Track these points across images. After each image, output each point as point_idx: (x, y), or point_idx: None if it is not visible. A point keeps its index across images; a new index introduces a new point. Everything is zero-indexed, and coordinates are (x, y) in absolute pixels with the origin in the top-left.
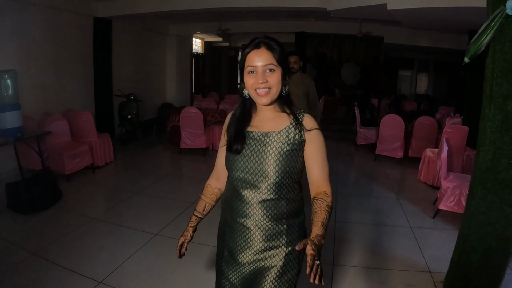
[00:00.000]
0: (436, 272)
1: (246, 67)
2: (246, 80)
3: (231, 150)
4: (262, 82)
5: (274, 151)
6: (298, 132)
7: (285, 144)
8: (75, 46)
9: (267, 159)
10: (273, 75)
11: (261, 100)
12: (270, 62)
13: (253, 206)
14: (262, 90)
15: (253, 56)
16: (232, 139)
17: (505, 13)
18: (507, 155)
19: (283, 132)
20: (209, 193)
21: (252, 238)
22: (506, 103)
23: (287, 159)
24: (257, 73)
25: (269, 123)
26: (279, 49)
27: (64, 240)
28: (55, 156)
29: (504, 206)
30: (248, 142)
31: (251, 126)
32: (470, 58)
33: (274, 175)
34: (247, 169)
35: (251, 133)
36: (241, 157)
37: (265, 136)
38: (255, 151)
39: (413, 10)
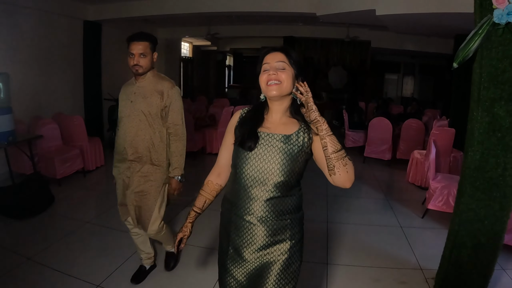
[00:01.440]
0: (427, 269)
1: (262, 65)
2: (261, 77)
3: (243, 147)
4: (273, 73)
5: (285, 152)
6: (307, 135)
7: (295, 146)
8: (65, 49)
9: (277, 159)
10: (284, 72)
11: (271, 91)
12: (283, 60)
13: (261, 204)
14: (272, 82)
15: (269, 56)
16: (246, 137)
17: (492, 21)
18: (494, 155)
19: (293, 135)
20: (210, 189)
21: (258, 234)
22: (493, 106)
23: (295, 160)
24: (270, 68)
25: (281, 127)
26: (293, 53)
27: (59, 244)
28: (46, 160)
29: (492, 203)
30: (260, 141)
31: (263, 127)
32: (458, 63)
33: (282, 174)
34: (258, 167)
35: (263, 133)
36: (252, 155)
37: (276, 138)
38: (266, 151)
39: (401, 15)
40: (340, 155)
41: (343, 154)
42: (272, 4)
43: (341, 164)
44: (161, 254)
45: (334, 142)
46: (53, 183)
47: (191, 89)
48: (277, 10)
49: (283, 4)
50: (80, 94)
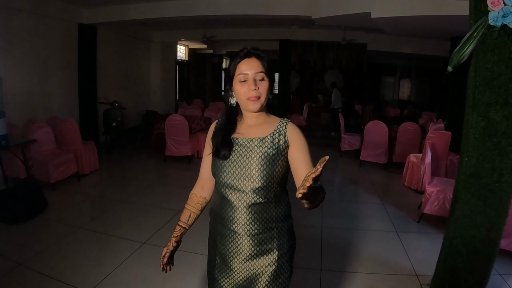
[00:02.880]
0: (422, 275)
1: (237, 75)
2: (237, 88)
3: (218, 156)
4: (254, 89)
5: (261, 156)
6: (283, 138)
7: (270, 149)
8: (60, 53)
9: (253, 164)
10: (263, 83)
11: (252, 107)
12: (261, 70)
13: (243, 211)
14: (253, 97)
15: (244, 64)
16: (219, 145)
17: (487, 24)
18: (490, 160)
19: (268, 137)
20: (194, 202)
21: (243, 244)
22: (489, 110)
23: (273, 163)
24: (249, 80)
25: (255, 130)
26: (267, 59)
27: (51, 250)
28: (40, 164)
29: (487, 209)
30: (234, 148)
31: (236, 133)
32: (453, 67)
33: (260, 179)
34: (234, 175)
35: (237, 139)
36: (228, 163)
37: (250, 142)
38: (241, 157)
39: (396, 18)
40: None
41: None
42: (268, 8)
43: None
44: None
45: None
46: (47, 188)
47: (187, 92)
48: (272, 13)
49: (278, 7)
50: (75, 98)
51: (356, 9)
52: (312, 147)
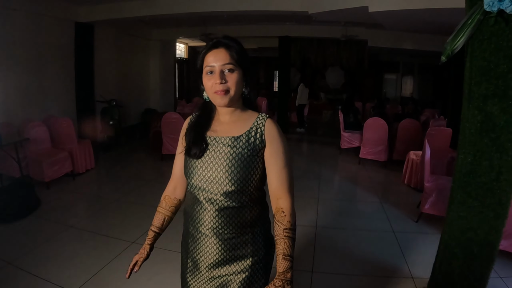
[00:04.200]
0: (419, 278)
1: (204, 68)
2: (205, 81)
3: (189, 155)
4: (220, 82)
5: (234, 157)
6: (259, 137)
7: (245, 149)
8: (56, 51)
9: (226, 166)
10: (232, 75)
11: (220, 102)
12: (229, 61)
13: (215, 215)
14: (220, 91)
15: (211, 56)
16: (191, 143)
17: (483, 10)
18: (487, 157)
19: (243, 136)
20: (168, 205)
21: (215, 248)
22: (486, 103)
23: (248, 165)
24: (215, 73)
25: (229, 127)
26: (238, 48)
27: (41, 249)
28: (34, 163)
29: (485, 210)
30: (207, 147)
31: (210, 130)
32: (447, 57)
33: (234, 182)
34: (207, 176)
35: (210, 138)
36: (199, 163)
37: (223, 141)
38: (214, 157)
39: (394, 12)
40: None
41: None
42: (264, 3)
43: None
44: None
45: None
46: (41, 186)
47: (187, 90)
48: (269, 9)
49: (274, 3)
50: (72, 96)
51: (353, 3)
52: (312, 145)
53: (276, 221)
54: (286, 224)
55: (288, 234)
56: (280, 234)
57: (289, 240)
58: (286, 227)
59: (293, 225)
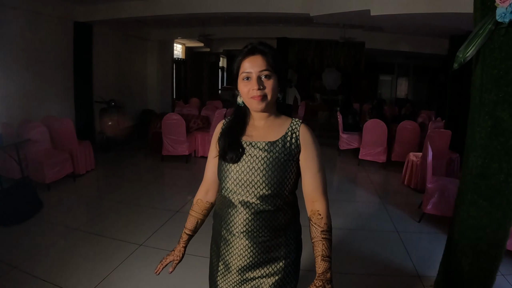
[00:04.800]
0: (425, 276)
1: (240, 74)
2: (241, 87)
3: (225, 159)
4: (258, 88)
5: (271, 162)
6: (295, 142)
7: (282, 154)
8: (55, 51)
9: (264, 170)
10: (269, 81)
11: (256, 107)
12: (266, 68)
13: (250, 218)
14: (257, 96)
15: (248, 62)
16: (227, 148)
17: (495, 20)
18: (497, 160)
19: (280, 141)
20: (200, 208)
21: (249, 251)
22: (496, 109)
23: (284, 169)
24: (252, 79)
25: (265, 132)
26: (273, 55)
27: (46, 252)
28: (35, 164)
29: (494, 210)
30: (243, 152)
31: (246, 135)
32: (459, 65)
33: (270, 186)
34: (242, 181)
35: (246, 142)
36: (235, 167)
37: (259, 146)
38: (250, 162)
39: (396, 16)
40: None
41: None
42: (265, 5)
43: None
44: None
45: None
46: (42, 188)
47: (184, 91)
48: (270, 11)
49: (276, 5)
50: (70, 97)
51: (355, 6)
52: None
53: (313, 224)
54: (323, 226)
55: (325, 236)
56: (317, 236)
57: (326, 241)
58: (323, 229)
59: (329, 227)
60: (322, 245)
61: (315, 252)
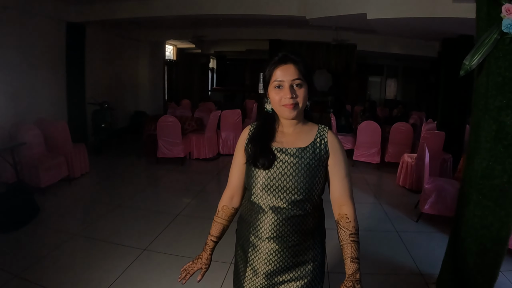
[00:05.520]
0: (427, 274)
1: (272, 82)
2: (272, 95)
3: (256, 166)
4: (290, 97)
5: (303, 167)
6: (324, 148)
7: (312, 160)
8: (47, 52)
9: (296, 175)
10: (300, 90)
11: (288, 115)
12: (298, 77)
13: (281, 224)
14: (289, 105)
15: (280, 71)
16: (259, 154)
17: (500, 30)
18: (500, 162)
19: (309, 147)
20: (226, 214)
21: (279, 256)
22: (500, 114)
23: (314, 174)
24: (284, 87)
25: (294, 139)
26: (304, 64)
27: (47, 259)
28: (29, 168)
29: (498, 209)
30: (275, 158)
31: (276, 141)
32: (465, 72)
33: (302, 191)
34: (274, 186)
35: (277, 148)
36: (266, 174)
37: (290, 152)
38: (281, 168)
39: (391, 19)
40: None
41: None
42: (261, 7)
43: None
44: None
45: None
46: (37, 192)
47: (176, 92)
48: (266, 13)
49: (273, 7)
50: (63, 99)
51: (352, 10)
52: None
53: (342, 227)
54: (352, 229)
55: (354, 239)
56: (346, 239)
57: (355, 244)
58: (352, 232)
59: (357, 230)
60: (351, 247)
61: (344, 254)
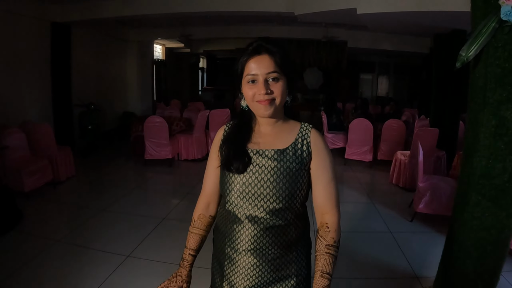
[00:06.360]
0: (423, 277)
1: (245, 76)
2: (245, 90)
3: (230, 170)
4: (265, 93)
5: (282, 172)
6: (306, 149)
7: (293, 163)
8: (32, 53)
9: (274, 181)
10: (277, 84)
11: (264, 112)
12: (273, 69)
13: (259, 235)
14: (264, 101)
15: (253, 63)
16: (232, 157)
17: (499, 18)
18: (501, 160)
19: (290, 149)
20: (203, 224)
21: (258, 270)
22: (500, 109)
23: (296, 179)
24: (259, 82)
25: (273, 139)
26: (282, 54)
27: (28, 267)
28: (12, 172)
29: (498, 210)
30: (250, 161)
31: (252, 142)
32: (462, 64)
33: (281, 199)
34: (250, 193)
35: (253, 151)
36: (241, 179)
37: (268, 154)
38: (257, 172)
39: (382, 14)
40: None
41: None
42: (249, 4)
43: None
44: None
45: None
46: (21, 197)
47: (165, 93)
48: (254, 10)
49: (260, 3)
50: (48, 100)
51: (341, 5)
52: None
53: (319, 236)
54: (329, 240)
55: (329, 251)
56: (321, 250)
57: (330, 257)
58: (329, 244)
59: (337, 242)
60: (324, 260)
61: (315, 267)
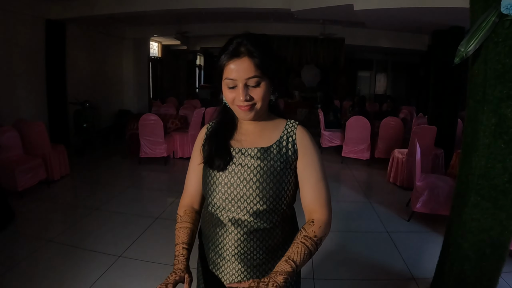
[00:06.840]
0: (420, 278)
1: (224, 79)
2: (225, 93)
3: (211, 167)
4: (244, 99)
5: (266, 171)
6: (291, 147)
7: (277, 162)
8: (26, 51)
9: (257, 181)
10: (257, 89)
11: (244, 117)
12: (254, 74)
13: (242, 239)
14: (244, 107)
15: (233, 65)
16: (214, 154)
17: (499, 12)
18: (501, 159)
19: (274, 147)
20: (191, 218)
21: (243, 276)
22: (500, 106)
23: (281, 179)
24: (238, 88)
25: (256, 137)
26: (263, 54)
27: (21, 266)
28: (5, 171)
29: (498, 212)
30: (231, 159)
31: (234, 140)
32: (460, 59)
33: (266, 200)
34: (232, 195)
35: (235, 149)
36: (224, 180)
37: (251, 153)
38: (240, 172)
39: (379, 10)
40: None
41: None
42: (245, 0)
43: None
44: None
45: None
46: (14, 196)
47: (161, 90)
48: (250, 6)
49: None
50: (43, 98)
51: (338, 1)
52: None
53: (301, 229)
54: (310, 233)
55: (305, 242)
56: (297, 238)
57: (303, 247)
58: (307, 235)
59: (317, 238)
60: (295, 248)
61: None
